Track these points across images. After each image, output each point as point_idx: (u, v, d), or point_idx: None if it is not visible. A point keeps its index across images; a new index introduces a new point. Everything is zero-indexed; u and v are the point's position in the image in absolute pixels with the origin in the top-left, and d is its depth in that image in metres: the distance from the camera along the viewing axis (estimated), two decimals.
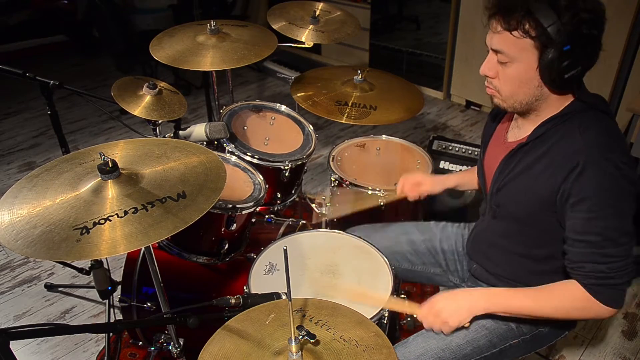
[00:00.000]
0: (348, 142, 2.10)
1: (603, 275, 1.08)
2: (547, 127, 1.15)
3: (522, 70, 1.09)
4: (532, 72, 1.09)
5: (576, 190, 1.07)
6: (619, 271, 1.08)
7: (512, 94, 1.15)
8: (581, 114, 1.12)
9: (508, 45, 1.08)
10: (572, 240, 1.12)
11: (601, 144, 1.07)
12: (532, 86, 1.11)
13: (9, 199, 0.99)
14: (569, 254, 1.13)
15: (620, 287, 1.10)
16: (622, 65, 3.02)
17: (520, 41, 1.06)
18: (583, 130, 1.10)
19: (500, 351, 1.28)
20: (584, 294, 1.11)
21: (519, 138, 1.25)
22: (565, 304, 1.15)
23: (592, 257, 1.09)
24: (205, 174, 1.05)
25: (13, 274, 2.39)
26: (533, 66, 1.08)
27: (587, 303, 1.11)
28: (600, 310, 1.11)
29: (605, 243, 1.07)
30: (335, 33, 2.12)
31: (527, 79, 1.10)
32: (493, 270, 1.37)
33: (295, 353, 0.90)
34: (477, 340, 1.26)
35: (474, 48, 3.66)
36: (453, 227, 1.61)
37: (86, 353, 1.98)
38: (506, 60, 1.10)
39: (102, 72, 4.59)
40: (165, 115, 1.63)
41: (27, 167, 3.23)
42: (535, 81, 1.10)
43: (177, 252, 1.52)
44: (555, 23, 1.01)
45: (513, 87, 1.13)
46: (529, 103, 1.15)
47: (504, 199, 1.26)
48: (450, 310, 1.22)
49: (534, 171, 1.16)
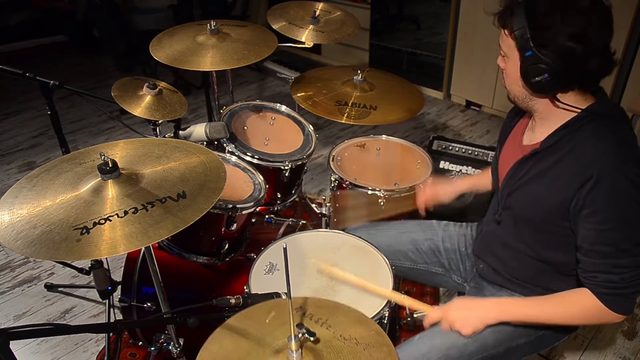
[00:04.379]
0: (348, 142, 2.10)
1: (615, 285, 1.10)
2: (560, 135, 1.15)
3: (511, 67, 1.15)
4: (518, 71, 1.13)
5: (589, 202, 1.08)
6: (631, 281, 1.09)
7: (510, 89, 1.21)
8: (595, 123, 1.12)
9: (502, 41, 1.16)
10: (585, 250, 1.13)
11: (614, 155, 1.06)
12: (520, 85, 1.16)
13: (9, 199, 0.99)
14: (582, 263, 1.14)
15: (632, 296, 1.11)
16: (622, 65, 3.02)
17: (508, 40, 1.12)
18: (596, 140, 1.09)
19: (505, 350, 1.29)
20: (597, 303, 1.12)
21: (532, 142, 1.25)
22: (577, 313, 1.16)
23: (605, 268, 1.10)
24: (205, 174, 1.05)
25: (13, 274, 2.39)
26: (517, 65, 1.12)
27: (599, 311, 1.12)
28: (610, 318, 1.13)
29: (618, 254, 1.08)
30: (335, 33, 2.12)
31: (516, 77, 1.15)
32: (503, 270, 1.37)
33: (295, 351, 0.90)
34: (483, 339, 1.27)
35: (474, 48, 3.66)
36: (455, 226, 1.62)
37: (86, 353, 1.98)
38: (503, 54, 1.17)
39: (102, 72, 4.60)
40: (166, 115, 1.63)
41: (27, 167, 3.24)
42: (521, 80, 1.14)
43: (177, 252, 1.52)
44: (521, 28, 1.06)
45: (509, 82, 1.20)
46: (524, 101, 1.20)
47: (515, 204, 1.26)
48: (464, 321, 1.24)
49: (546, 179, 1.17)
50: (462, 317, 1.25)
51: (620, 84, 3.07)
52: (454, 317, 1.25)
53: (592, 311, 1.14)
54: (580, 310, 1.15)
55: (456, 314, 1.26)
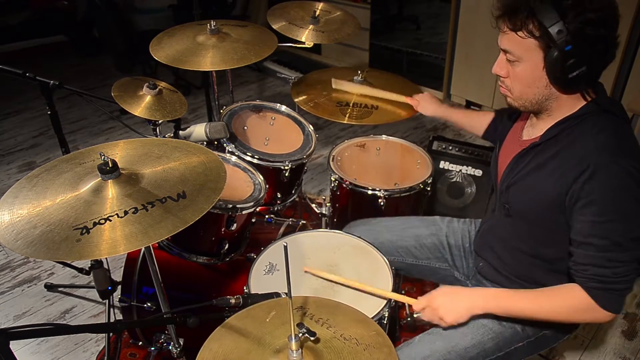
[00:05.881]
0: (348, 142, 2.10)
1: (606, 280, 1.08)
2: (561, 128, 1.15)
3: (529, 69, 1.11)
4: (539, 72, 1.10)
5: (585, 193, 1.07)
6: (622, 276, 1.08)
7: (522, 94, 1.16)
8: (595, 117, 1.11)
9: (514, 45, 1.09)
10: (578, 243, 1.12)
11: (612, 148, 1.06)
12: (540, 86, 1.12)
13: (9, 199, 0.99)
14: (574, 255, 1.13)
15: (621, 292, 1.10)
16: (622, 65, 3.02)
17: (525, 41, 1.07)
18: (595, 133, 1.09)
19: (506, 354, 1.29)
20: (585, 297, 1.11)
21: (532, 137, 1.25)
22: (566, 307, 1.15)
23: (597, 261, 1.09)
24: (205, 174, 1.05)
25: (13, 274, 2.39)
26: (539, 66, 1.09)
27: (587, 306, 1.11)
28: (599, 315, 1.11)
29: (612, 247, 1.07)
30: (335, 33, 2.12)
31: (534, 79, 1.11)
32: (502, 268, 1.37)
33: (295, 351, 0.90)
34: (483, 344, 1.26)
35: (474, 48, 3.66)
36: (459, 222, 1.61)
37: (86, 353, 1.98)
38: (514, 59, 1.12)
39: (102, 72, 4.59)
40: (166, 115, 1.63)
41: (27, 167, 3.23)
42: (544, 80, 1.11)
43: (177, 252, 1.52)
44: (557, 23, 1.01)
45: (522, 87, 1.15)
46: (539, 102, 1.16)
47: (513, 197, 1.25)
48: (449, 308, 1.23)
49: (544, 171, 1.16)
50: (447, 304, 1.23)
51: (620, 83, 3.07)
52: (438, 304, 1.24)
53: (580, 306, 1.12)
54: (568, 305, 1.14)
55: (441, 300, 1.24)
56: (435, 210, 2.48)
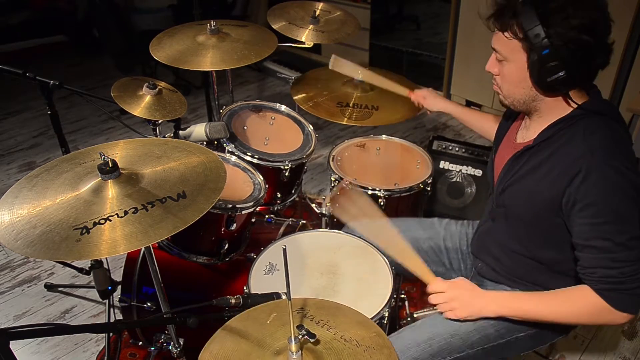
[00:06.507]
0: (348, 142, 2.10)
1: (615, 280, 1.08)
2: (554, 131, 1.16)
3: (514, 69, 1.13)
4: (524, 73, 1.12)
5: (581, 196, 1.07)
6: (630, 275, 1.07)
7: (510, 93, 1.19)
8: (588, 119, 1.12)
9: (502, 45, 1.13)
10: (581, 247, 1.12)
11: (604, 150, 1.06)
12: (526, 87, 1.14)
13: (9, 199, 0.99)
14: (581, 260, 1.13)
15: (633, 291, 1.09)
16: (622, 65, 3.02)
17: (510, 42, 1.10)
18: (587, 135, 1.09)
19: (506, 342, 1.29)
20: (597, 299, 1.11)
21: (526, 139, 1.25)
22: (578, 310, 1.15)
23: (603, 263, 1.09)
24: (205, 174, 1.05)
25: (13, 274, 2.39)
26: (524, 67, 1.11)
27: (600, 309, 1.11)
28: (614, 317, 1.11)
29: (615, 248, 1.07)
30: (335, 33, 2.12)
31: (520, 79, 1.13)
32: (500, 269, 1.37)
33: (295, 352, 0.90)
34: (485, 329, 1.27)
35: (474, 48, 3.66)
36: (457, 224, 1.61)
37: (86, 353, 1.98)
38: (502, 59, 1.15)
39: (102, 72, 4.59)
40: (166, 115, 1.63)
41: (27, 167, 3.23)
42: (529, 82, 1.13)
43: (177, 252, 1.52)
44: (536, 27, 1.03)
45: (510, 86, 1.18)
46: (526, 102, 1.18)
47: (509, 200, 1.26)
48: (466, 302, 1.24)
49: (538, 174, 1.16)
50: (466, 299, 1.25)
51: (620, 83, 3.07)
52: (456, 295, 1.25)
53: (594, 309, 1.12)
54: (583, 307, 1.14)
55: (460, 292, 1.26)
56: (435, 210, 2.48)
